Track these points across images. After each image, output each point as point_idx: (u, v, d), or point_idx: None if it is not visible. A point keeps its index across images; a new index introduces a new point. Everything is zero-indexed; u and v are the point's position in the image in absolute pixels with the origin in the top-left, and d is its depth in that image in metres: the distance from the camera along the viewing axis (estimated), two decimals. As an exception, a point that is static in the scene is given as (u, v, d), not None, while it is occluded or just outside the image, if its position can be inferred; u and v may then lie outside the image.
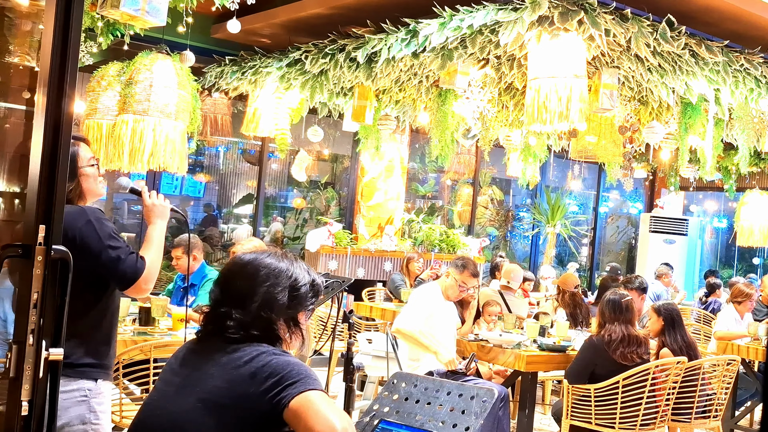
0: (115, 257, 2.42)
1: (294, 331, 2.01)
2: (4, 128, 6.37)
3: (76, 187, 2.54)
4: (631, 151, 8.35)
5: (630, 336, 4.69)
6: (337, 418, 1.76)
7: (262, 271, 1.99)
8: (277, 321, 1.97)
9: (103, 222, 2.45)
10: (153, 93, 4.88)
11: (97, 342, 2.48)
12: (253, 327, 1.94)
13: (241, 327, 1.93)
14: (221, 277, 2.07)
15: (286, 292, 1.99)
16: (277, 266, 2.00)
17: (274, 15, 6.02)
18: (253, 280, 1.97)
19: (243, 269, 2.01)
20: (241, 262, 2.03)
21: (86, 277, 2.38)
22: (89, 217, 2.43)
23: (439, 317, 5.03)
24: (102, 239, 2.41)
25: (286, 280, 2.00)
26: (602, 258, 12.69)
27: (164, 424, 1.90)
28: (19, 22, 5.12)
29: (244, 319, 1.94)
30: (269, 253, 2.05)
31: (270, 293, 1.96)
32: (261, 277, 1.98)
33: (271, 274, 1.99)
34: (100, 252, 2.40)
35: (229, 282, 2.02)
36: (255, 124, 6.82)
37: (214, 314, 2.00)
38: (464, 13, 4.72)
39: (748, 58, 5.12)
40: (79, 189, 2.56)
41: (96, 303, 2.49)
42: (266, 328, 1.96)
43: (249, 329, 1.94)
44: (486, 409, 2.04)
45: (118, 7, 3.80)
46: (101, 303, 2.50)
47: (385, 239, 8.84)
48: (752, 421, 6.51)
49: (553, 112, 4.53)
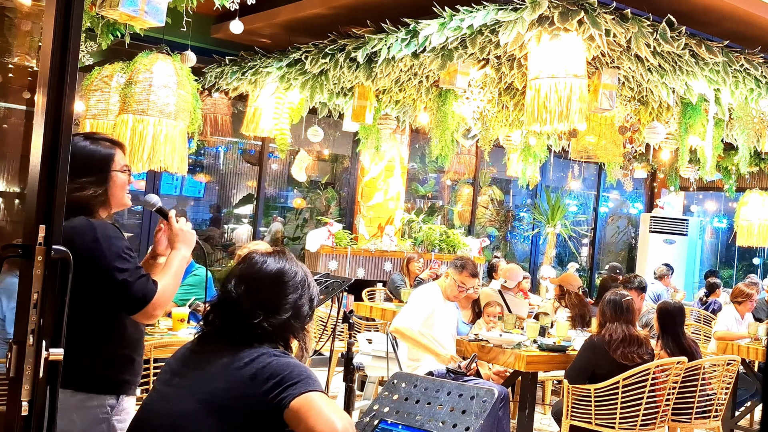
0: (121, 281, 2.23)
1: (301, 338, 2.05)
2: (4, 128, 6.36)
3: (102, 194, 2.36)
4: (631, 151, 8.35)
5: (631, 336, 4.69)
6: (337, 419, 1.77)
7: (290, 280, 2.01)
8: (297, 330, 2.01)
9: (112, 240, 2.27)
10: (153, 93, 4.89)
11: (119, 356, 2.36)
12: (281, 334, 1.96)
13: (269, 337, 1.94)
14: (244, 280, 2.02)
15: (308, 303, 2.04)
16: (303, 278, 2.04)
17: (274, 15, 6.02)
18: (284, 290, 1.99)
19: (275, 277, 2.00)
20: (268, 269, 2.01)
21: (100, 295, 2.27)
22: (97, 235, 2.26)
23: (439, 317, 5.02)
24: (109, 260, 2.24)
25: (308, 290, 2.05)
26: (602, 258, 12.69)
27: (164, 425, 1.90)
28: (19, 22, 5.11)
29: (275, 330, 1.95)
30: (293, 262, 2.06)
31: (298, 304, 2.00)
32: (291, 286, 2.01)
33: (299, 285, 2.02)
34: (106, 274, 2.24)
35: (257, 287, 1.99)
36: (255, 124, 6.82)
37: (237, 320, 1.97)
38: (464, 13, 4.72)
39: (748, 58, 5.12)
40: (106, 195, 2.38)
41: (115, 318, 2.34)
42: (287, 336, 2.00)
43: (276, 339, 1.96)
44: (486, 409, 2.04)
45: (117, 7, 3.80)
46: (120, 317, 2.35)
47: (385, 239, 8.84)
48: (752, 421, 6.50)
49: (553, 112, 4.54)
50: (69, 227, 2.22)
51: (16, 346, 1.47)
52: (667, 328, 5.09)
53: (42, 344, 1.48)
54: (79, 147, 2.36)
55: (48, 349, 1.49)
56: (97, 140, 2.44)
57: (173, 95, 4.97)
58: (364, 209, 9.17)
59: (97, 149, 2.40)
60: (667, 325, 5.10)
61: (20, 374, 1.46)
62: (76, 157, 2.34)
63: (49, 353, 1.49)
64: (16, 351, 1.47)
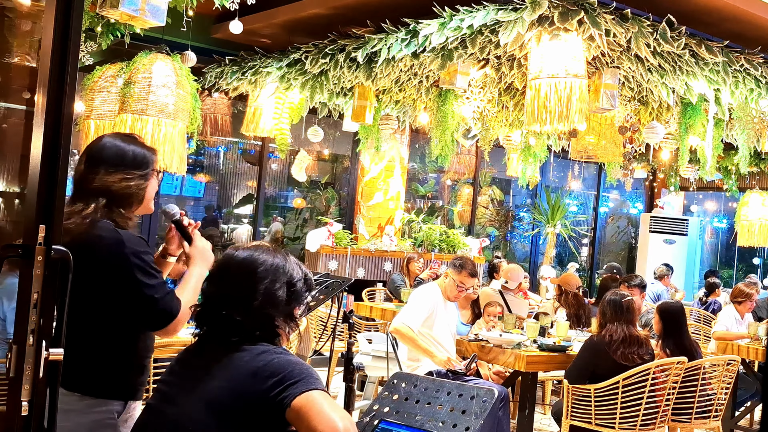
0: (149, 297, 2.23)
1: (291, 326, 2.02)
2: (4, 128, 6.37)
3: (142, 189, 2.41)
4: (631, 151, 8.35)
5: (631, 336, 4.69)
6: (339, 418, 1.77)
7: (260, 268, 1.97)
8: (277, 318, 1.97)
9: (141, 256, 2.27)
10: (152, 93, 4.88)
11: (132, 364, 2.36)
12: (255, 326, 1.94)
13: (244, 328, 1.93)
14: (216, 276, 2.04)
15: (285, 288, 1.99)
16: (273, 262, 2.00)
17: (274, 15, 6.02)
18: (251, 278, 1.96)
19: (240, 267, 1.99)
20: (236, 259, 2.01)
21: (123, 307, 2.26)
22: (125, 246, 2.26)
23: (439, 317, 5.02)
24: (137, 274, 2.24)
25: (283, 276, 1.99)
26: (602, 258, 12.69)
27: (167, 426, 1.90)
28: (19, 22, 5.11)
29: (247, 319, 1.93)
30: (263, 249, 2.03)
31: (269, 290, 1.96)
32: (260, 274, 1.97)
33: (269, 271, 1.98)
34: (133, 288, 2.23)
35: (226, 281, 2.00)
36: (255, 124, 6.82)
37: (212, 315, 1.99)
38: (464, 13, 4.71)
39: (748, 58, 5.12)
40: (144, 192, 2.42)
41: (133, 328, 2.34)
42: (267, 326, 1.96)
43: (251, 330, 1.93)
44: (486, 409, 2.04)
45: (117, 7, 3.79)
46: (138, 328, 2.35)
47: (385, 239, 8.84)
48: (752, 421, 6.50)
49: (553, 112, 4.53)
50: (96, 234, 2.25)
51: (16, 346, 1.47)
52: (671, 328, 5.09)
53: (42, 344, 1.48)
54: (128, 142, 2.46)
55: (48, 349, 1.49)
56: (139, 143, 2.52)
57: (172, 95, 4.97)
58: (364, 209, 9.17)
59: (143, 149, 2.49)
60: (670, 326, 5.10)
61: (20, 374, 1.46)
62: (125, 152, 2.40)
63: (49, 353, 1.49)
64: (16, 351, 1.47)
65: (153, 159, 2.49)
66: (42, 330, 1.48)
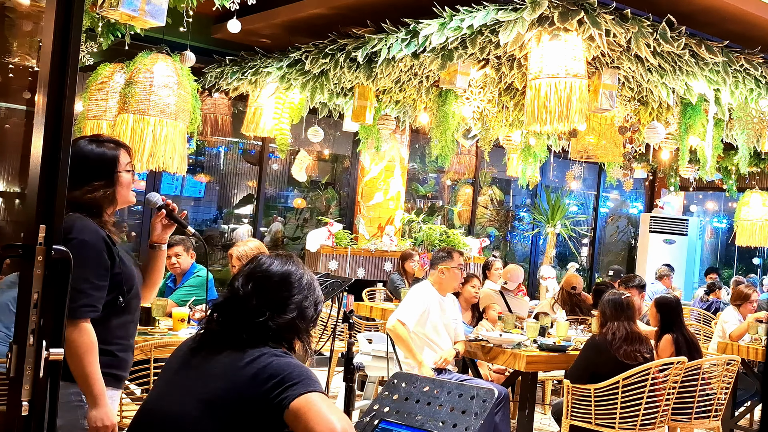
0: (80, 289, 2.29)
1: (306, 341, 2.07)
2: (5, 128, 6.37)
3: (111, 193, 2.49)
4: (631, 151, 8.35)
5: (632, 333, 4.70)
6: (337, 420, 1.77)
7: (298, 282, 2.05)
8: (302, 333, 2.03)
9: (102, 256, 2.37)
10: (153, 93, 4.89)
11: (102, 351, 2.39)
12: (281, 337, 1.98)
13: (269, 336, 1.95)
14: (252, 279, 2.03)
15: (313, 307, 2.07)
16: (309, 281, 2.08)
17: (274, 15, 6.02)
18: (290, 290, 2.02)
19: (282, 277, 2.03)
20: (277, 269, 2.04)
21: None
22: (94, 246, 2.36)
23: (432, 315, 5.02)
24: (86, 268, 2.31)
25: (313, 295, 2.08)
26: (602, 258, 12.69)
27: (164, 424, 1.90)
28: (19, 22, 5.12)
29: (281, 324, 1.97)
30: (299, 265, 2.11)
31: (303, 305, 2.03)
32: (297, 287, 2.04)
33: (305, 287, 2.05)
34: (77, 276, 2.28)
35: (265, 286, 2.01)
36: (255, 124, 6.82)
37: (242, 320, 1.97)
38: (464, 14, 4.72)
39: (748, 58, 5.12)
40: (114, 195, 2.50)
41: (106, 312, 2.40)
42: (292, 337, 2.01)
43: (277, 339, 1.97)
44: (486, 409, 2.04)
45: (117, 7, 3.79)
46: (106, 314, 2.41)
47: (385, 239, 8.84)
48: (752, 421, 6.50)
49: (553, 112, 4.54)
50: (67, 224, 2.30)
51: (16, 346, 1.48)
52: (669, 321, 5.10)
53: (42, 344, 1.48)
54: (87, 151, 2.49)
55: (48, 349, 1.49)
56: (102, 143, 2.54)
57: (173, 95, 4.97)
58: (364, 209, 9.17)
59: (103, 152, 2.51)
60: (668, 319, 5.11)
61: (20, 374, 1.46)
62: (86, 161, 2.43)
63: (49, 353, 1.49)
64: (16, 351, 1.47)
65: (116, 160, 2.51)
66: (42, 330, 1.48)
